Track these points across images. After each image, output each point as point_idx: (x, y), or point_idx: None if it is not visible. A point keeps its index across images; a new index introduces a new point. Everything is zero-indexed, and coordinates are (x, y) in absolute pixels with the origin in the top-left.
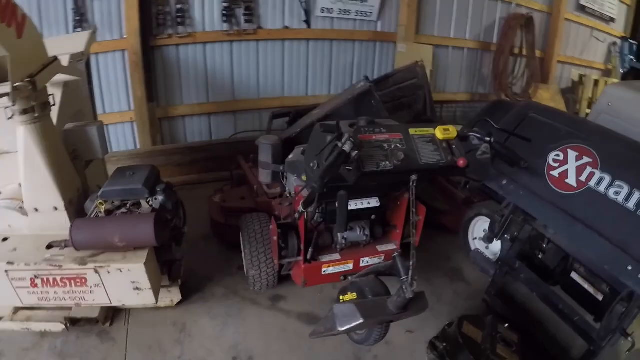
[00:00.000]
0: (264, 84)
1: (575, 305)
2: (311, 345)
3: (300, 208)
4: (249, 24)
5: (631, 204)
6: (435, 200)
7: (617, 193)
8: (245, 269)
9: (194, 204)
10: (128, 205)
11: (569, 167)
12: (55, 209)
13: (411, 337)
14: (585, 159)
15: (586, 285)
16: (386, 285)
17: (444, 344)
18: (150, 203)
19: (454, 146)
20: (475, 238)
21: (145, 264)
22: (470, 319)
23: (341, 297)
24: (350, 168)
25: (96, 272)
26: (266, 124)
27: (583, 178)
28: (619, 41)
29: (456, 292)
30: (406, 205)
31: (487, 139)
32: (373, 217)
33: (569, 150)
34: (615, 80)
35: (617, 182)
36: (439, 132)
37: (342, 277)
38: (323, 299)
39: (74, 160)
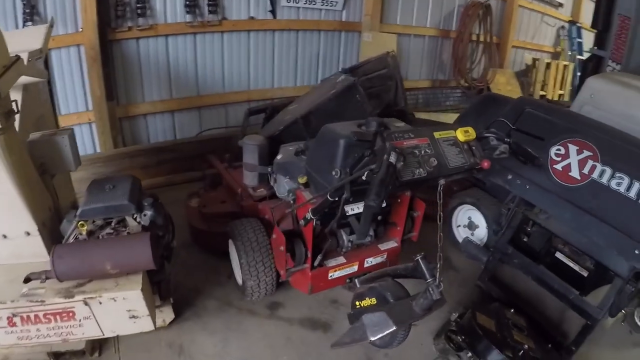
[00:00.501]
0: (230, 78)
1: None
2: (320, 351)
3: (309, 215)
4: (213, 14)
5: (632, 194)
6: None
7: (619, 184)
8: (241, 279)
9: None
10: (113, 224)
11: (571, 160)
12: (28, 234)
13: (415, 330)
14: (586, 153)
15: (571, 264)
16: (405, 287)
17: (462, 337)
18: (138, 220)
19: (474, 147)
20: (459, 226)
21: (142, 289)
22: (481, 309)
23: (357, 303)
24: None
25: (86, 304)
26: (233, 119)
27: (586, 171)
28: (566, 25)
29: (448, 280)
30: (407, 202)
31: (507, 139)
32: (379, 217)
33: (569, 144)
34: (565, 62)
35: (618, 174)
36: (461, 134)
37: (347, 280)
38: (321, 302)
39: (41, 175)
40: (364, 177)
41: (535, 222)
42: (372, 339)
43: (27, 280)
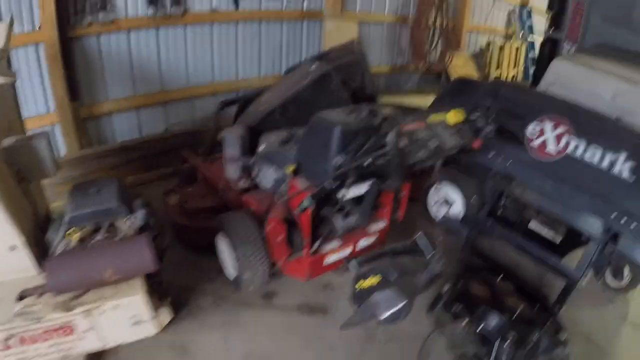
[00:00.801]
0: (194, 71)
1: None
2: (323, 333)
3: (306, 202)
4: (175, 7)
5: (605, 165)
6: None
7: (592, 156)
8: (234, 272)
9: None
10: (104, 230)
11: (547, 137)
12: (13, 248)
13: None
14: (562, 128)
15: (544, 231)
16: (404, 265)
17: (459, 305)
18: (130, 222)
19: (463, 129)
20: (435, 202)
21: (144, 293)
22: (473, 277)
23: (359, 284)
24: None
25: (86, 315)
26: (199, 113)
27: (562, 145)
28: (517, 8)
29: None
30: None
31: (493, 121)
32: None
33: (546, 120)
34: (517, 44)
35: (591, 146)
36: (451, 117)
37: (344, 262)
38: (314, 287)
39: (19, 183)
40: (368, 162)
41: (509, 196)
42: (383, 316)
43: (21, 297)
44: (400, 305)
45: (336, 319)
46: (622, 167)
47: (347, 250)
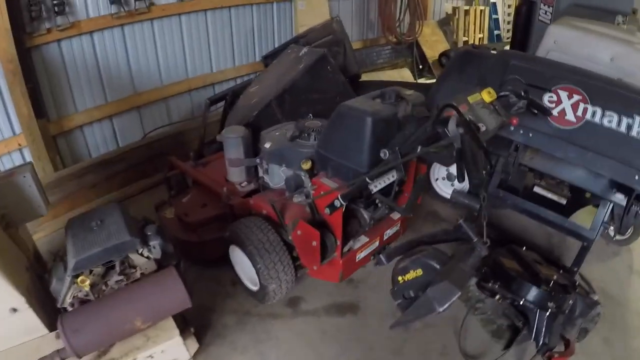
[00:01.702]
0: (166, 69)
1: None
2: (358, 333)
3: (338, 202)
4: (140, 1)
5: (623, 128)
6: None
7: (610, 121)
8: (256, 285)
9: None
10: (118, 269)
11: (565, 105)
12: (14, 310)
13: None
14: (576, 97)
15: (550, 195)
16: (444, 252)
17: (494, 282)
18: (147, 254)
19: (497, 106)
20: (438, 179)
21: (179, 335)
22: (501, 253)
23: (400, 278)
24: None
25: None
26: (176, 113)
27: (579, 113)
28: None
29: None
30: (413, 169)
31: (524, 95)
32: (397, 188)
33: (559, 91)
34: (481, 8)
35: (608, 112)
36: (486, 95)
37: (372, 257)
38: (339, 286)
39: (5, 229)
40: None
41: (514, 164)
42: (441, 309)
43: None
44: (455, 297)
45: (368, 317)
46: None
47: (376, 244)
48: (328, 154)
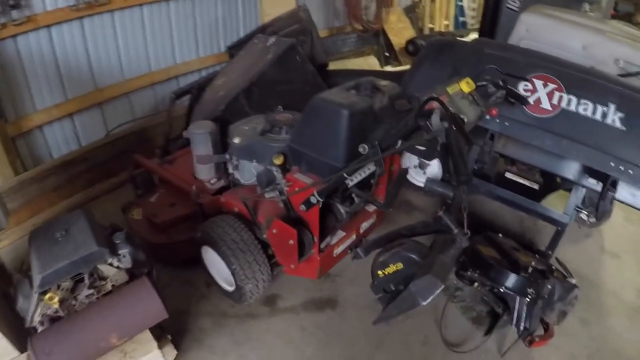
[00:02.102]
0: (128, 62)
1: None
2: (338, 328)
3: (314, 198)
4: None
5: (598, 116)
6: None
7: (585, 109)
8: (232, 286)
9: None
10: (87, 281)
11: (540, 94)
12: None
13: None
14: (551, 85)
15: (522, 180)
16: (422, 244)
17: (473, 271)
18: (116, 264)
19: (475, 97)
20: (409, 167)
21: (157, 348)
22: (478, 241)
23: (380, 272)
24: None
25: None
26: (139, 109)
27: (555, 101)
28: None
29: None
30: (388, 162)
31: (502, 85)
32: (373, 181)
33: (534, 79)
34: None
35: (582, 101)
36: (465, 86)
37: (349, 251)
38: (316, 281)
39: None
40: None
41: (490, 152)
42: (424, 302)
43: None
44: (438, 290)
45: (347, 311)
46: (614, 117)
47: (352, 238)
48: (302, 149)
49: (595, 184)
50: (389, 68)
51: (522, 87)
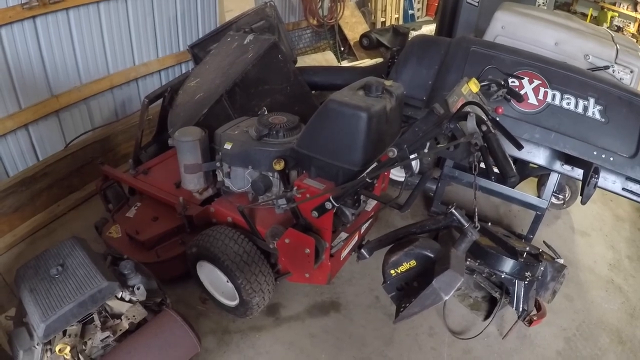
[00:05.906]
0: (85, 65)
1: None
2: (347, 330)
3: (329, 204)
4: None
5: (580, 109)
6: None
7: (568, 103)
8: (235, 301)
9: None
10: (98, 322)
11: (527, 90)
12: None
13: None
14: (536, 82)
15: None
16: (433, 240)
17: (474, 260)
18: (129, 297)
19: (481, 96)
20: None
21: None
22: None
23: (393, 271)
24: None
25: None
26: (98, 116)
27: (541, 97)
28: None
29: (403, 217)
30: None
31: (504, 84)
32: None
33: (520, 76)
34: None
35: (565, 95)
36: (473, 86)
37: (353, 252)
38: (315, 285)
39: None
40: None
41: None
42: (447, 297)
43: None
44: (459, 284)
45: (351, 312)
46: (594, 110)
47: (355, 239)
48: (312, 153)
49: (569, 170)
50: (345, 63)
51: (509, 83)
